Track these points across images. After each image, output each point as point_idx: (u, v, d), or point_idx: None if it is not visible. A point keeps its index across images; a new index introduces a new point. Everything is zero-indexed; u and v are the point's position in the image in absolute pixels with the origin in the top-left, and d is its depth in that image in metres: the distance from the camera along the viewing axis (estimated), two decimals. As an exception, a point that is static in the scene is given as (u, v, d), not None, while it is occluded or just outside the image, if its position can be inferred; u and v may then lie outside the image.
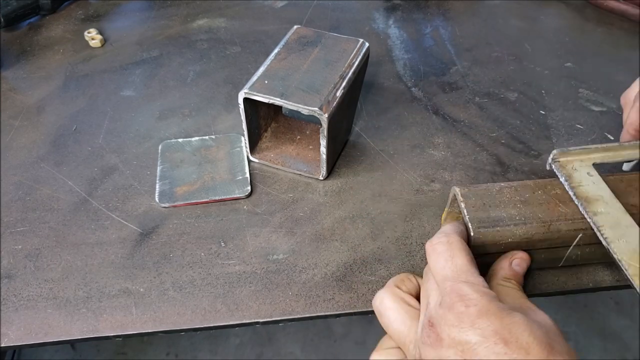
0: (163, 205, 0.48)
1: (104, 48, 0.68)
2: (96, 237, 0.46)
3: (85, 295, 0.42)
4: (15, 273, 0.44)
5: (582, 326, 1.23)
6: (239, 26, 0.72)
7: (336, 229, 0.47)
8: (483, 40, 0.70)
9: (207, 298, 0.42)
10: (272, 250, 0.45)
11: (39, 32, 0.71)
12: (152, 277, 0.43)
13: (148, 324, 0.41)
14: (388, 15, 0.74)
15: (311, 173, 0.51)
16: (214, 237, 0.46)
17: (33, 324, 0.40)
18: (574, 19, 0.74)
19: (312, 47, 0.51)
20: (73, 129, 0.57)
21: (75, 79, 0.63)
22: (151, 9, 0.76)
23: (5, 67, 0.65)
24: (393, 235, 0.47)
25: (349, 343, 1.21)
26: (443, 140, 0.55)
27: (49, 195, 0.50)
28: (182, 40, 0.69)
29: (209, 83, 0.63)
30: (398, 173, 0.52)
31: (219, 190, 0.49)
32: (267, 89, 0.46)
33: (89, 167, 0.52)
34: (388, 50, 0.68)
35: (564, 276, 0.43)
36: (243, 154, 0.53)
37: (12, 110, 0.59)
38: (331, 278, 0.43)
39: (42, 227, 0.47)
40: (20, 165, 0.53)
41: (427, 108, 0.59)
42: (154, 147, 0.54)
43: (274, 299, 0.42)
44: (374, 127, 0.57)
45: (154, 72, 0.64)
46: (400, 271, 0.44)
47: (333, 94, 0.46)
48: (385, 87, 0.62)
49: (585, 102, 0.60)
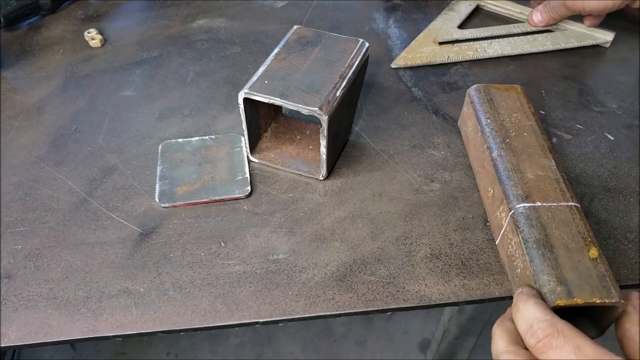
0: (163, 205, 0.48)
1: (104, 48, 0.68)
2: (96, 237, 0.46)
3: (85, 295, 0.42)
4: (15, 273, 0.44)
5: (582, 326, 1.23)
6: (239, 26, 0.72)
7: (336, 229, 0.47)
8: (483, 40, 0.70)
9: (207, 298, 0.42)
10: (272, 250, 0.45)
11: (39, 32, 0.71)
12: (152, 277, 0.43)
13: (148, 324, 0.41)
14: (388, 15, 0.74)
15: (311, 173, 0.51)
16: (214, 237, 0.46)
17: (33, 324, 0.40)
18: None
19: (312, 47, 0.51)
20: (73, 129, 0.57)
21: (75, 79, 0.63)
22: (151, 9, 0.76)
23: (5, 67, 0.65)
24: (393, 235, 0.47)
25: (349, 343, 1.21)
26: (443, 140, 0.55)
27: (49, 195, 0.50)
28: (182, 40, 0.69)
29: (209, 83, 0.63)
30: (398, 173, 0.52)
31: (219, 190, 0.49)
32: (267, 89, 0.46)
33: (89, 167, 0.53)
34: (388, 50, 0.68)
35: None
36: (243, 154, 0.53)
37: (12, 110, 0.59)
38: (331, 278, 0.43)
39: (42, 227, 0.47)
40: (20, 165, 0.53)
41: (427, 108, 0.59)
42: (154, 147, 0.54)
43: (274, 299, 0.42)
44: (374, 127, 0.57)
45: (154, 72, 0.64)
46: (400, 271, 0.44)
47: (333, 94, 0.46)
48: (385, 87, 0.62)
49: (585, 102, 0.60)
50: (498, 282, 0.43)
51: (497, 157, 0.45)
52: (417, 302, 0.42)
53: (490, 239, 0.46)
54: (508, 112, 0.49)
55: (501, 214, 0.43)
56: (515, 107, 0.50)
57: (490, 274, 0.44)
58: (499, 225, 0.44)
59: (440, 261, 0.45)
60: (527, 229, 0.40)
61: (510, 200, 0.42)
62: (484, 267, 0.44)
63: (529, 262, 0.38)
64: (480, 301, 0.42)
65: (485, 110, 0.50)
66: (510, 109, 0.50)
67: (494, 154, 0.46)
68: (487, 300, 0.42)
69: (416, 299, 0.42)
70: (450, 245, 0.46)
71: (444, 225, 0.47)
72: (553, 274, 0.36)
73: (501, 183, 0.44)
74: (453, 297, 0.42)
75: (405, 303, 0.42)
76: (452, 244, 0.46)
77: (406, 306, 0.42)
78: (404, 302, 0.42)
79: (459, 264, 0.44)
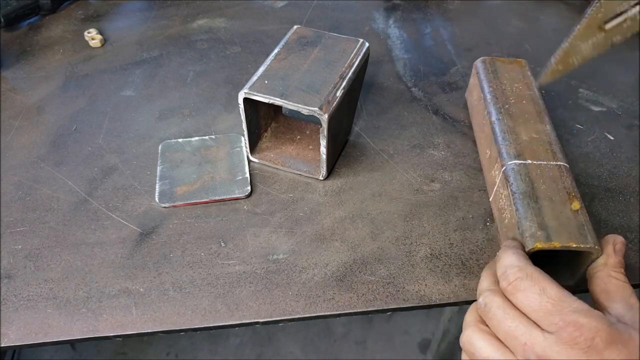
0: (163, 205, 0.48)
1: (104, 48, 0.68)
2: (96, 237, 0.46)
3: (85, 295, 0.42)
4: (15, 273, 0.44)
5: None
6: (239, 26, 0.72)
7: (336, 229, 0.47)
8: (483, 40, 0.70)
9: (207, 298, 0.42)
10: (272, 250, 0.45)
11: (39, 32, 0.71)
12: (152, 277, 0.43)
13: (148, 324, 0.41)
14: (388, 15, 0.74)
15: (311, 173, 0.51)
16: (214, 237, 0.46)
17: (33, 324, 0.40)
18: (574, 19, 0.74)
19: (312, 47, 0.51)
20: (73, 129, 0.57)
21: (75, 79, 0.63)
22: (151, 9, 0.76)
23: (5, 67, 0.65)
24: (393, 235, 0.47)
25: (349, 343, 1.21)
26: (443, 140, 0.55)
27: (49, 195, 0.50)
28: (182, 40, 0.69)
29: (209, 83, 0.63)
30: (398, 173, 0.52)
31: (219, 190, 0.49)
32: (267, 89, 0.46)
33: (89, 167, 0.52)
34: (388, 50, 0.68)
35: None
36: (243, 154, 0.53)
37: (12, 110, 0.59)
38: (331, 278, 0.43)
39: (42, 227, 0.47)
40: (20, 165, 0.53)
41: (427, 108, 0.59)
42: (154, 147, 0.54)
43: (274, 299, 0.42)
44: (374, 127, 0.57)
45: (154, 72, 0.64)
46: (400, 271, 0.44)
47: (333, 94, 0.46)
48: (385, 87, 0.62)
49: (585, 102, 0.60)
50: (498, 282, 0.43)
51: (495, 121, 0.48)
52: (417, 302, 0.42)
53: (490, 238, 0.46)
54: (510, 82, 0.52)
55: (495, 172, 0.47)
56: (517, 78, 0.53)
57: (490, 274, 0.44)
58: (492, 182, 0.47)
59: (440, 261, 0.45)
60: (515, 183, 0.43)
61: (503, 158, 0.45)
62: (484, 267, 0.44)
63: (515, 211, 0.41)
64: (480, 301, 0.42)
65: (489, 80, 0.53)
66: (513, 79, 0.53)
67: (493, 118, 0.49)
68: (487, 300, 0.42)
69: (416, 299, 0.42)
70: (450, 245, 0.46)
71: (444, 225, 0.47)
72: (535, 220, 0.39)
73: (497, 144, 0.47)
74: (453, 297, 0.42)
75: (405, 303, 0.42)
76: (452, 244, 0.46)
77: (406, 306, 0.42)
78: (404, 302, 0.42)
79: (459, 264, 0.44)
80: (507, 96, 0.51)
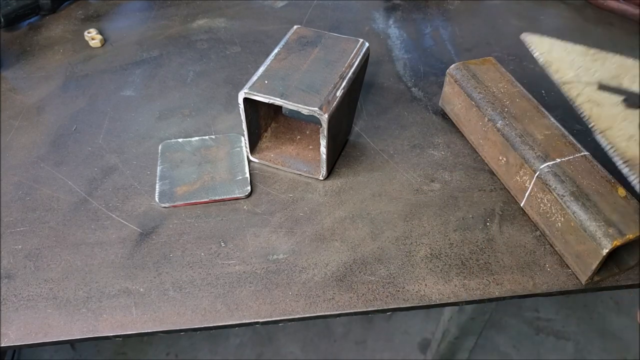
0: (163, 205, 0.48)
1: (104, 48, 0.68)
2: (96, 237, 0.46)
3: (85, 295, 0.42)
4: (15, 273, 0.44)
5: (582, 326, 1.23)
6: (239, 26, 0.72)
7: (336, 229, 0.47)
8: (483, 40, 0.70)
9: (207, 298, 0.42)
10: (272, 250, 0.45)
11: (39, 32, 0.71)
12: (152, 277, 0.43)
13: (148, 324, 0.41)
14: (388, 15, 0.74)
15: (311, 173, 0.51)
16: (214, 237, 0.46)
17: (33, 324, 0.40)
18: (574, 19, 0.74)
19: (312, 47, 0.51)
20: (73, 129, 0.57)
21: (75, 79, 0.63)
22: (151, 9, 0.76)
23: (5, 67, 0.65)
24: (393, 235, 0.47)
25: (349, 343, 1.21)
26: (443, 140, 0.55)
27: (49, 195, 0.50)
28: (182, 40, 0.69)
29: (209, 83, 0.63)
30: (398, 173, 0.52)
31: (219, 190, 0.49)
32: (267, 89, 0.46)
33: (89, 167, 0.52)
34: (388, 50, 0.68)
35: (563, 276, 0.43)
36: (243, 154, 0.53)
37: (12, 110, 0.59)
38: (331, 278, 0.43)
39: (42, 227, 0.47)
40: (20, 165, 0.53)
41: (427, 108, 0.59)
42: (154, 147, 0.54)
43: (274, 299, 0.42)
44: (374, 127, 0.57)
45: (154, 72, 0.64)
46: (400, 271, 0.44)
47: (333, 94, 0.46)
48: (385, 87, 0.62)
49: (585, 102, 0.60)
50: (498, 282, 0.43)
51: (503, 127, 0.48)
52: (417, 302, 0.42)
53: (490, 238, 0.46)
54: (493, 82, 0.52)
55: (523, 178, 0.46)
56: (497, 78, 0.53)
57: (490, 274, 0.44)
58: (522, 188, 0.46)
59: (440, 261, 0.45)
60: (559, 185, 0.42)
61: (531, 163, 0.44)
62: (484, 267, 0.44)
63: (572, 214, 0.40)
64: (480, 301, 0.42)
65: (473, 86, 0.52)
66: (494, 79, 0.52)
67: (499, 124, 0.48)
68: (487, 300, 0.42)
69: (416, 299, 0.42)
70: (450, 245, 0.46)
71: (444, 225, 0.47)
72: (599, 219, 0.39)
73: (515, 149, 0.46)
74: (453, 297, 0.42)
75: (405, 303, 0.42)
76: (452, 244, 0.46)
77: (406, 306, 0.42)
78: (404, 302, 0.42)
79: (459, 264, 0.44)
80: (500, 98, 0.50)
